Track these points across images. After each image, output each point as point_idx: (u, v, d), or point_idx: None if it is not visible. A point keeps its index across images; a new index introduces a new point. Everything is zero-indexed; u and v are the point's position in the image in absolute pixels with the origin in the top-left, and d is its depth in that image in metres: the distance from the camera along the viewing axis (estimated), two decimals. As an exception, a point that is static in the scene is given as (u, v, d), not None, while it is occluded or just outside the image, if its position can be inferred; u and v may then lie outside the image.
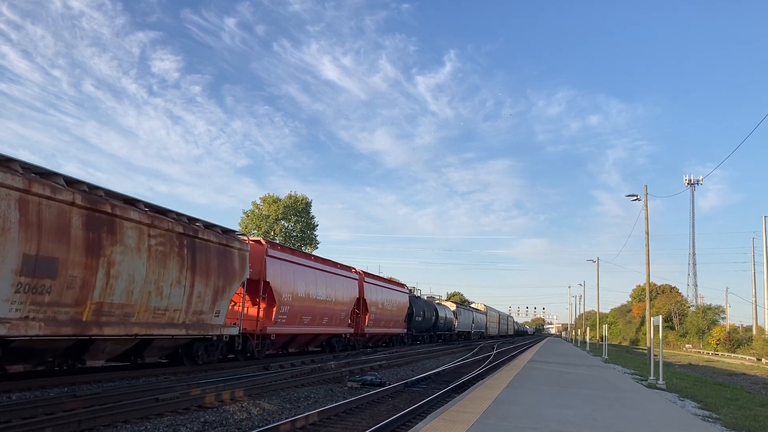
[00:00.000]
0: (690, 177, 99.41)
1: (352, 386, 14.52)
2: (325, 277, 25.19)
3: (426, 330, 46.00)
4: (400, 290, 37.99)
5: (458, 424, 7.40)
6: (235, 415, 9.90)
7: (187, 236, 14.97)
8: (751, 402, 14.12)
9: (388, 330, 34.68)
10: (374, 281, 32.54)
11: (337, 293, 26.02)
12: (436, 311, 47.85)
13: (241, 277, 17.60)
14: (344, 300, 26.78)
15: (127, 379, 13.82)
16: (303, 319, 22.90)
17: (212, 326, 16.28)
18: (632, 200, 36.40)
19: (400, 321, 36.94)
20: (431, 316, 45.87)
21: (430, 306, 47.06)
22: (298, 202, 63.55)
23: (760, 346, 57.02)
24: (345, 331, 27.41)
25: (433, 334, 48.68)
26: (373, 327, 31.47)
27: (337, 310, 25.81)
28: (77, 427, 8.15)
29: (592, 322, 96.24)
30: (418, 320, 41.76)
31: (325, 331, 25.23)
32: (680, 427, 8.65)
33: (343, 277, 27.35)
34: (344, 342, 28.03)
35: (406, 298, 38.37)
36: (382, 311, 32.84)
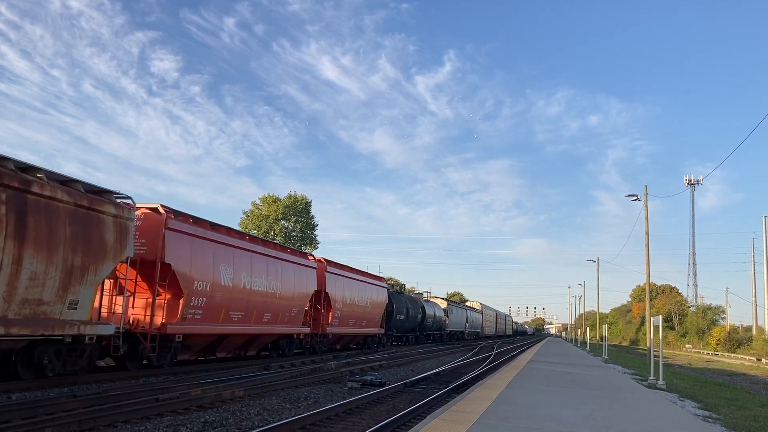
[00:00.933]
0: (690, 177, 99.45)
1: (352, 386, 14.53)
2: (266, 264, 19.87)
3: (410, 330, 41.62)
4: (377, 284, 32.88)
5: (458, 424, 7.40)
6: (235, 415, 9.90)
7: (7, 188, 10.53)
8: (751, 402, 14.13)
9: (359, 330, 29.85)
10: (340, 272, 27.58)
11: (286, 284, 21.07)
12: (422, 309, 43.09)
13: (118, 255, 13.31)
14: (296, 293, 21.87)
15: (127, 379, 13.83)
16: (231, 315, 18.07)
17: (63, 323, 11.84)
18: (632, 200, 36.41)
19: (375, 319, 32.00)
20: (416, 315, 41.27)
21: (415, 303, 42.48)
22: (297, 202, 63.56)
23: (760, 347, 57.01)
24: (297, 331, 22.57)
25: (420, 335, 44.26)
26: (338, 326, 26.92)
27: (285, 305, 20.97)
28: (77, 427, 8.16)
29: (592, 322, 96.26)
30: (399, 319, 37.23)
31: (266, 330, 20.18)
32: (680, 427, 8.65)
33: (294, 265, 22.09)
34: (297, 344, 23.55)
35: (384, 294, 33.71)
36: (352, 308, 28.08)
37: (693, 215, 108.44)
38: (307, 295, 23.27)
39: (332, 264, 27.07)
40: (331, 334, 26.42)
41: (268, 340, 21.22)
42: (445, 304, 53.93)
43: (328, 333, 25.87)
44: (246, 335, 19.38)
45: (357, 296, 28.84)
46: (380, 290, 33.26)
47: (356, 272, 30.11)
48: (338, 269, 27.39)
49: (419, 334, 43.89)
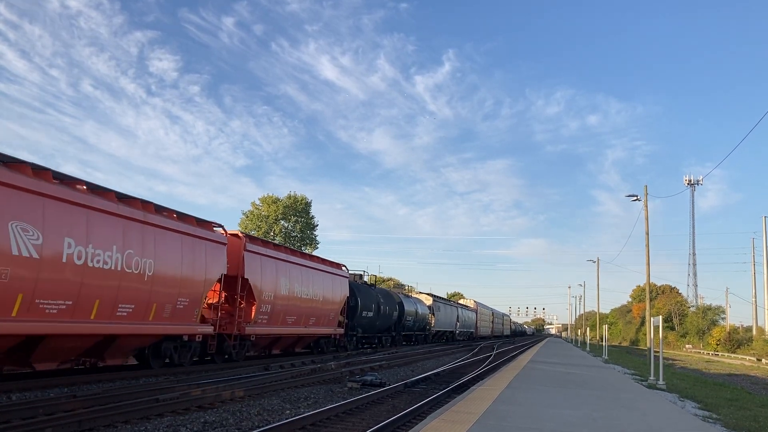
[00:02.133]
0: (690, 177, 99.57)
1: (352, 387, 14.53)
2: (139, 233, 13.72)
3: (384, 330, 35.08)
4: (332, 272, 26.21)
5: (458, 424, 7.40)
6: (235, 415, 9.90)
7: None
8: (752, 402, 14.12)
9: (303, 330, 23.22)
10: (271, 252, 20.76)
11: (171, 265, 14.69)
12: (400, 305, 37.18)
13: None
14: (186, 277, 15.32)
15: (127, 379, 13.83)
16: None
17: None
18: (632, 200, 36.43)
19: (330, 317, 25.47)
20: (391, 312, 34.94)
21: (389, 298, 35.76)
22: (297, 202, 63.57)
23: (760, 347, 57.04)
24: (188, 330, 15.84)
25: (396, 336, 37.67)
26: (268, 325, 20.26)
27: (166, 294, 14.57)
28: (77, 428, 8.16)
29: (592, 322, 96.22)
30: (367, 316, 30.72)
31: (132, 330, 13.71)
32: (680, 427, 8.65)
33: (185, 237, 15.44)
34: (193, 349, 16.63)
35: (343, 286, 27.23)
36: (290, 301, 21.48)
37: (693, 215, 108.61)
38: (210, 282, 16.61)
39: (256, 241, 20.66)
40: (254, 335, 19.61)
41: (148, 342, 15.13)
42: (431, 300, 47.59)
43: (250, 333, 19.15)
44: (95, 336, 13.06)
45: (299, 286, 22.26)
46: (338, 280, 26.54)
47: (299, 255, 24.26)
48: (267, 248, 20.77)
49: (396, 334, 37.47)
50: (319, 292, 24.19)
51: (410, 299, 41.59)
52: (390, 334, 36.59)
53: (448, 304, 54.86)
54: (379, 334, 34.68)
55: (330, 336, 26.40)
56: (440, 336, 51.76)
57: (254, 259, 19.33)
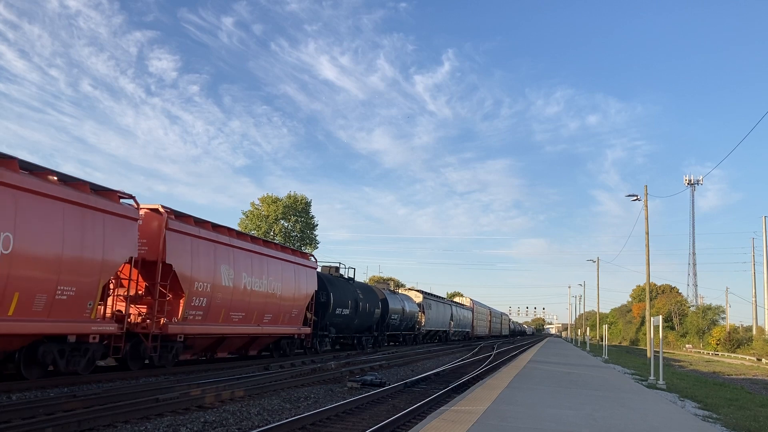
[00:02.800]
0: (690, 177, 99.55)
1: (352, 386, 14.53)
2: None
3: (364, 329, 31.03)
4: (294, 261, 22.07)
5: (458, 424, 7.39)
6: (235, 415, 9.90)
7: None
8: (752, 402, 14.13)
9: (257, 329, 19.33)
10: (206, 233, 16.68)
11: (44, 242, 11.47)
12: (383, 302, 33.49)
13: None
14: (71, 259, 12.02)
15: (127, 379, 13.83)
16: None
17: None
18: (632, 200, 36.40)
19: (292, 314, 21.61)
20: (372, 309, 31.08)
21: (370, 294, 31.81)
22: (297, 202, 63.55)
23: (760, 347, 57.03)
24: (75, 329, 12.48)
25: (379, 336, 33.67)
26: (203, 322, 16.41)
27: (35, 280, 11.30)
28: (77, 428, 8.15)
29: (592, 322, 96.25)
30: (342, 314, 26.84)
31: None
32: (680, 427, 8.65)
33: (71, 206, 12.15)
34: (91, 354, 13.17)
35: (310, 278, 23.34)
36: (236, 294, 17.63)
37: (693, 215, 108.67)
38: (114, 266, 13.39)
39: (186, 219, 16.15)
40: (182, 335, 15.69)
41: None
42: (421, 297, 43.84)
43: (175, 333, 15.32)
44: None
45: (250, 277, 18.56)
46: (303, 272, 22.64)
47: (250, 240, 19.64)
48: (201, 229, 16.54)
49: (378, 334, 33.48)
50: (277, 285, 20.39)
51: (396, 296, 37.90)
52: (371, 335, 32.45)
53: (440, 302, 50.94)
54: (357, 334, 30.51)
55: (293, 336, 22.52)
56: (432, 336, 48.72)
57: (181, 240, 15.52)
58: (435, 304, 47.63)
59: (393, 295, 37.13)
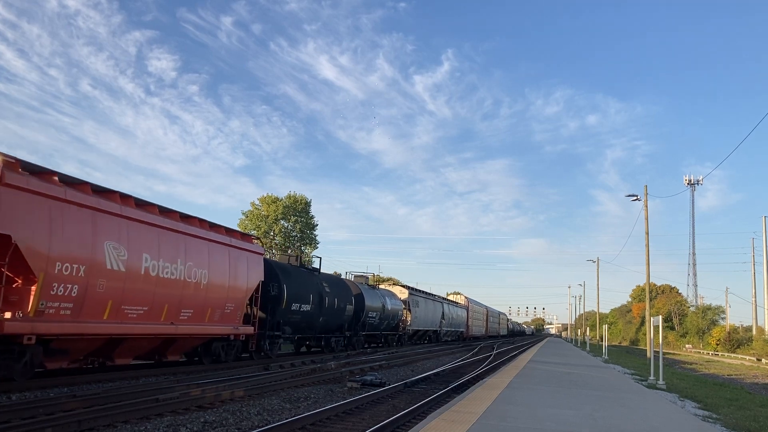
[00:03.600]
0: (690, 177, 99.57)
1: (352, 386, 14.53)
2: None
3: (333, 329, 26.54)
4: (228, 243, 17.71)
5: (458, 424, 7.39)
6: (235, 415, 9.90)
7: None
8: (751, 402, 14.13)
9: (169, 328, 15.06)
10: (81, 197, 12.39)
11: None
12: (358, 298, 29.30)
13: None
14: None
15: (127, 379, 13.83)
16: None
17: None
18: (632, 200, 36.42)
19: (225, 309, 17.37)
20: (342, 306, 26.65)
21: (340, 288, 27.14)
22: (297, 202, 63.54)
23: (760, 347, 57.02)
24: None
25: (354, 337, 29.14)
26: (74, 318, 12.16)
27: None
28: (77, 428, 8.15)
29: (592, 322, 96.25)
30: (301, 311, 22.26)
31: None
32: (680, 427, 8.66)
33: None
34: None
35: (253, 265, 18.88)
36: (130, 282, 13.58)
37: (693, 215, 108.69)
38: None
39: (45, 176, 11.85)
40: (31, 337, 11.14)
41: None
42: (406, 293, 39.77)
43: (19, 333, 10.92)
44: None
45: (155, 259, 14.43)
46: (243, 257, 18.29)
47: (155, 211, 15.00)
48: (71, 190, 12.21)
49: (352, 335, 28.93)
50: (201, 272, 15.96)
51: (375, 291, 33.51)
52: (342, 335, 27.68)
53: (429, 299, 46.44)
54: (324, 334, 25.91)
55: (228, 337, 17.96)
56: (420, 336, 44.80)
57: (30, 203, 11.16)
58: (423, 301, 43.52)
59: (371, 290, 32.83)
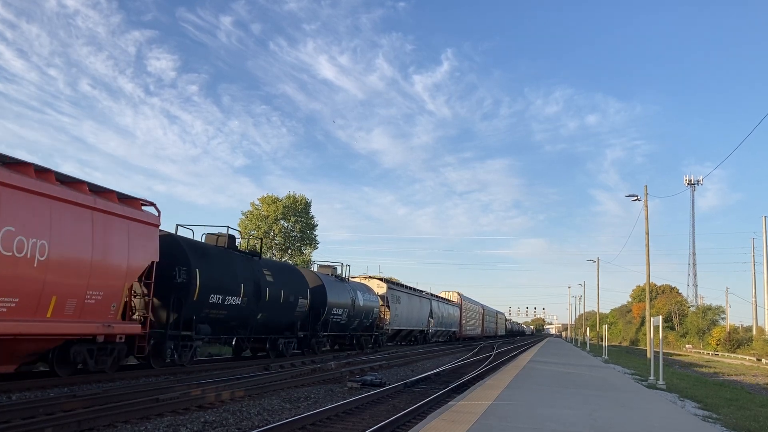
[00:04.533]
0: (690, 177, 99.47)
1: (352, 386, 14.53)
2: None
3: (280, 328, 21.35)
4: (98, 207, 12.54)
5: (458, 424, 7.40)
6: (235, 415, 9.90)
7: None
8: (751, 402, 14.13)
9: None
10: None
11: None
12: (317, 292, 24.08)
13: None
14: None
15: (127, 379, 13.83)
16: None
17: None
18: (632, 200, 36.43)
19: (88, 300, 12.22)
20: (293, 300, 21.30)
21: (290, 278, 21.85)
22: (297, 202, 63.54)
23: (760, 347, 57.04)
24: None
25: (311, 337, 23.83)
26: None
27: None
28: (77, 428, 8.15)
29: (592, 322, 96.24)
30: (226, 304, 17.38)
31: None
32: (680, 427, 8.66)
33: None
34: None
35: (137, 239, 13.71)
36: None
37: (693, 215, 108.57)
38: None
39: None
40: None
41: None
42: (385, 287, 34.39)
43: None
44: None
45: None
46: (119, 227, 13.24)
47: None
48: None
49: (308, 335, 23.56)
50: (30, 242, 10.89)
51: (343, 284, 27.95)
52: (294, 335, 22.24)
53: (414, 295, 41.46)
54: (267, 334, 20.45)
55: (94, 338, 12.88)
56: (404, 337, 40.36)
57: None
58: (406, 296, 38.79)
59: (338, 283, 27.49)
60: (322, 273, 27.56)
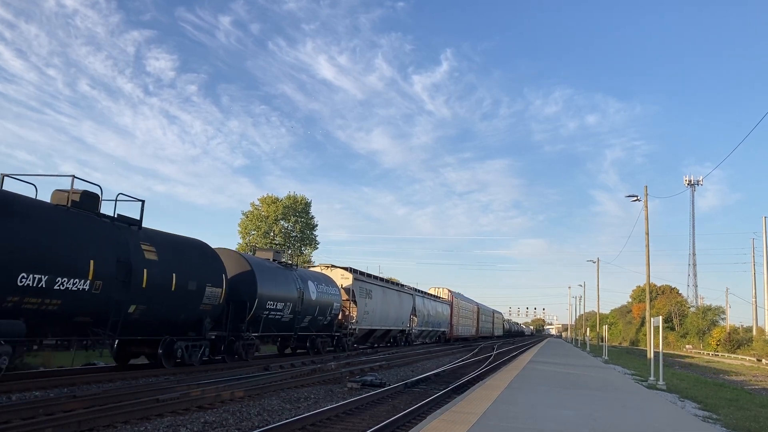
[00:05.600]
0: (690, 177, 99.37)
1: (352, 387, 14.53)
2: None
3: (175, 327, 15.79)
4: None
5: (458, 424, 7.39)
6: (235, 415, 9.90)
7: None
8: (751, 402, 14.13)
9: None
10: None
11: None
12: (241, 279, 19.22)
13: None
14: None
15: (127, 379, 13.83)
16: None
17: None
18: (632, 201, 36.41)
19: None
20: (192, 289, 15.84)
21: (186, 255, 16.25)
22: (297, 203, 63.56)
23: (760, 347, 57.06)
24: None
25: (239, 338, 18.70)
26: None
27: None
28: (77, 428, 8.15)
29: (592, 322, 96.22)
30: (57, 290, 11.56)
31: None
32: (680, 427, 8.66)
33: None
34: None
35: None
36: None
37: (693, 216, 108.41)
38: None
39: None
40: None
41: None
42: (351, 278, 28.85)
43: None
44: None
45: None
46: None
47: None
48: None
49: (229, 336, 18.27)
50: None
51: (285, 272, 22.19)
52: (202, 337, 16.67)
53: (391, 289, 35.63)
54: (152, 336, 15.33)
55: None
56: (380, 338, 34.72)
57: None
58: (380, 290, 32.70)
59: (277, 270, 21.75)
60: (255, 257, 22.01)
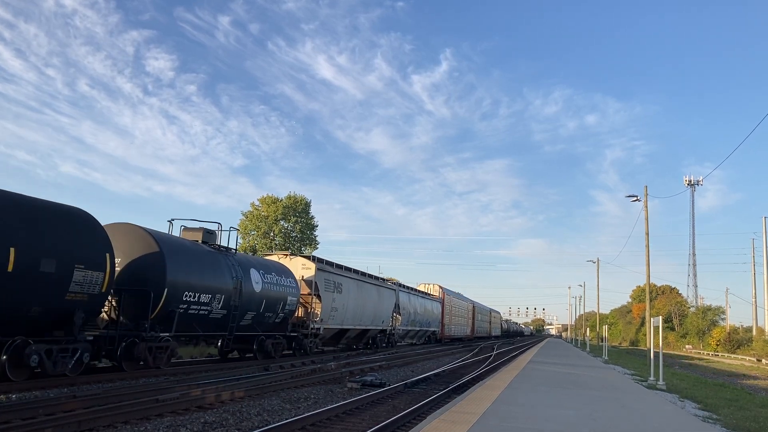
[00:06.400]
0: (690, 178, 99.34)
1: (352, 387, 14.53)
2: None
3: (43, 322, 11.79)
4: None
5: (458, 424, 7.39)
6: (235, 415, 9.89)
7: None
8: (751, 403, 14.13)
9: None
10: None
11: None
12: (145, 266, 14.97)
13: None
14: None
15: (127, 379, 13.83)
16: None
17: None
18: (632, 201, 36.42)
19: None
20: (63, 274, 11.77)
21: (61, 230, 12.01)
22: (297, 203, 63.56)
23: (760, 347, 57.06)
24: None
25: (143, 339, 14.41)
26: None
27: None
28: (77, 428, 8.15)
29: (592, 322, 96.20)
30: None
31: None
32: (680, 428, 8.66)
33: None
34: None
35: None
36: None
37: (693, 216, 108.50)
38: None
39: None
40: None
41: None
42: (314, 269, 24.35)
43: None
44: None
45: None
46: None
47: None
48: None
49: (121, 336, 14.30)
50: None
51: (215, 256, 18.15)
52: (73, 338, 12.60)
53: (368, 283, 30.61)
54: None
55: None
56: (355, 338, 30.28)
57: None
58: (353, 284, 28.10)
59: (203, 253, 17.71)
60: (170, 235, 17.38)
